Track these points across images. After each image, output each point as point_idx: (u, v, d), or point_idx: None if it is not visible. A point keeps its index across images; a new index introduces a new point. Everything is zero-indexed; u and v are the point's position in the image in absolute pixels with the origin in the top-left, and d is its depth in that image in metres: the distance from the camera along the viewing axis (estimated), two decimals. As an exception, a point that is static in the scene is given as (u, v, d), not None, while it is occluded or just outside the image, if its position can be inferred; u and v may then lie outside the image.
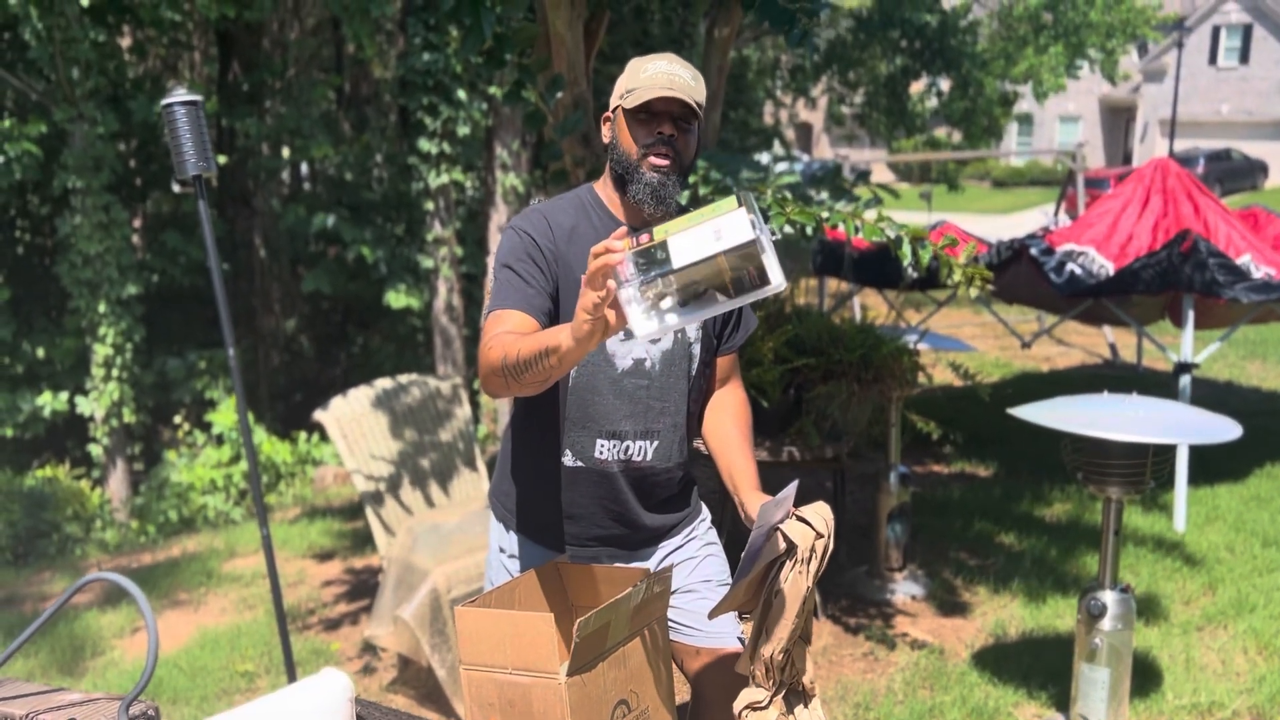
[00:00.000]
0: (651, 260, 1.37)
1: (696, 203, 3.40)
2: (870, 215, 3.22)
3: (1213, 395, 7.50)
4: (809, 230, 3.23)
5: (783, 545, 1.70)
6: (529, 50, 3.67)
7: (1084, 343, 9.92)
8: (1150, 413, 3.00)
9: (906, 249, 3.09)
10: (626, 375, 1.94)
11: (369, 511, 3.94)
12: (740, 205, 1.35)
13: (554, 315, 1.87)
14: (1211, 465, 5.68)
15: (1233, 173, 27.43)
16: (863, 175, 5.34)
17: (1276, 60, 30.81)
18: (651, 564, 2.09)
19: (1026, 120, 34.43)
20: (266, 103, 12.99)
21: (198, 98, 2.51)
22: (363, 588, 4.85)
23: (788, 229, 3.29)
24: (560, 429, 1.97)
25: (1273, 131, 31.05)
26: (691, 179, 3.31)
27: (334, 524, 6.16)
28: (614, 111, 1.93)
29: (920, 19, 13.42)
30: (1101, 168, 29.42)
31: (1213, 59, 32.02)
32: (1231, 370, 8.60)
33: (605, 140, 1.97)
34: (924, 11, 13.41)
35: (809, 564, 1.71)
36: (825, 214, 3.22)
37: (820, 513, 1.76)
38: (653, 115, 1.86)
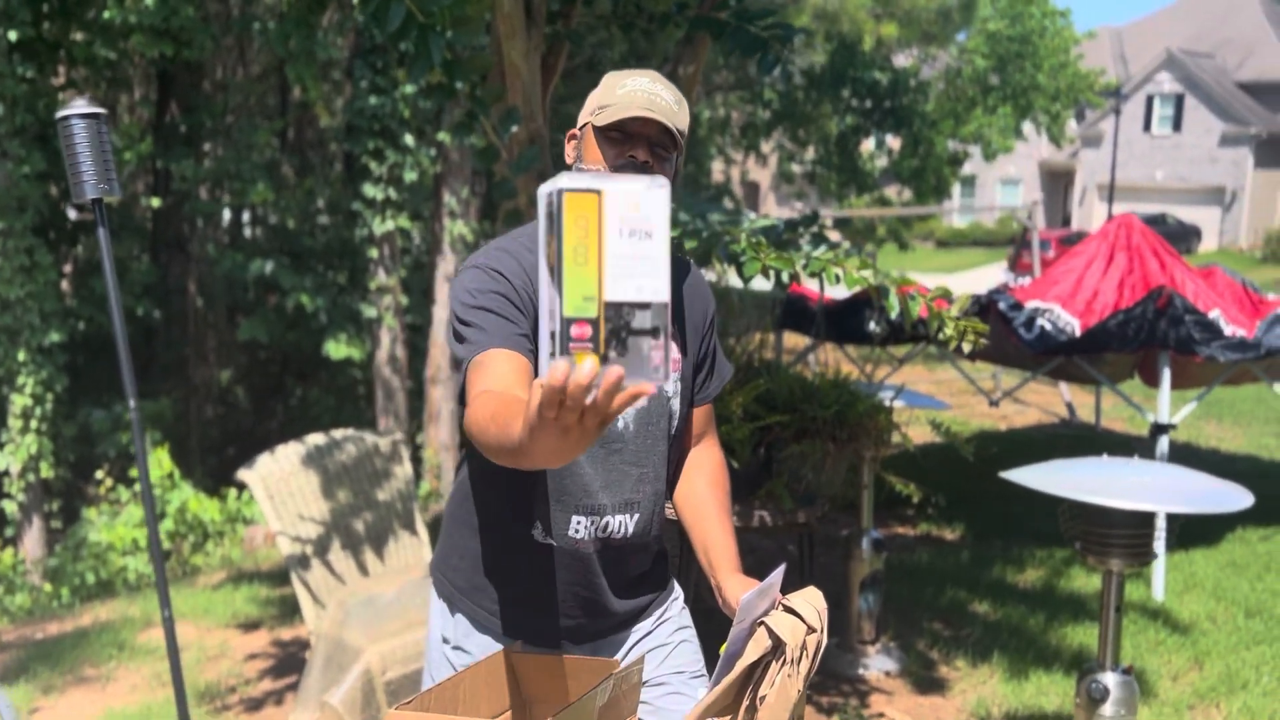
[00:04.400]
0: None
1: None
2: (851, 264, 2.98)
3: (1172, 457, 7.36)
4: (785, 277, 2.98)
5: (769, 642, 1.44)
6: (481, 82, 3.40)
7: (1040, 401, 9.82)
8: (1156, 479, 2.77)
9: (893, 300, 2.85)
10: (599, 441, 1.66)
11: (295, 580, 3.57)
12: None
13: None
14: (1185, 530, 5.50)
15: (1168, 237, 28.09)
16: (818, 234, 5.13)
17: (1207, 129, 31.80)
18: (621, 652, 1.80)
19: (969, 182, 35.08)
20: (205, 145, 12.60)
21: (100, 110, 2.18)
22: (290, 662, 4.44)
23: (763, 282, 3.04)
24: (529, 500, 1.67)
25: (1205, 197, 31.98)
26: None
27: (262, 589, 5.73)
28: (581, 129, 1.66)
29: (870, 76, 13.50)
30: (1043, 229, 29.98)
31: (1147, 126, 32.99)
32: (1189, 432, 8.51)
33: (569, 160, 1.70)
34: (875, 69, 13.51)
35: (799, 664, 1.45)
36: (803, 261, 2.97)
37: (811, 601, 1.50)
38: (627, 136, 1.60)
